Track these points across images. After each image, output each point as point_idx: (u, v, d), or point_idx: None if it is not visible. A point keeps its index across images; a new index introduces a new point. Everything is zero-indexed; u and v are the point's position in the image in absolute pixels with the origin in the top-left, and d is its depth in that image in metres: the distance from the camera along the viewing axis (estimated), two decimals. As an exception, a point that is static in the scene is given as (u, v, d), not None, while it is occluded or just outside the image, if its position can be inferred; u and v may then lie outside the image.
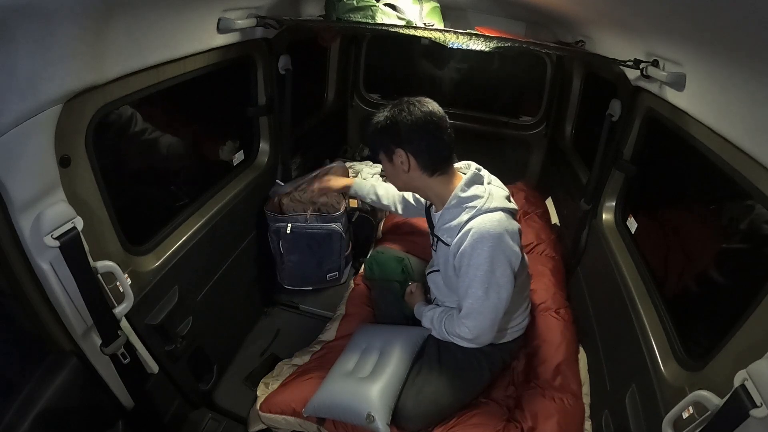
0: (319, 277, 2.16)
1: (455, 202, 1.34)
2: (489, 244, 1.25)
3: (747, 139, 0.98)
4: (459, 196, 1.34)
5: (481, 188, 1.36)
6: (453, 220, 1.34)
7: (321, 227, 2.03)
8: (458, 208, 1.34)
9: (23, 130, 0.85)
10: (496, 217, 1.28)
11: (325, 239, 2.06)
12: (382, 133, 1.35)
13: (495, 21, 2.34)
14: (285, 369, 1.72)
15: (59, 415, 1.04)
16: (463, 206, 1.33)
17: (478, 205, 1.30)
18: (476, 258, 1.27)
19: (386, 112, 1.35)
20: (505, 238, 1.27)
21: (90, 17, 0.90)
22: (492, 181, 1.44)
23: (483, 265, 1.27)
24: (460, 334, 1.41)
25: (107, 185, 1.17)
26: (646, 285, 1.45)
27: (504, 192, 1.40)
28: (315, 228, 2.02)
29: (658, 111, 1.47)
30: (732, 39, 0.88)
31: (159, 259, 1.39)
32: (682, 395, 0.96)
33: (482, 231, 1.26)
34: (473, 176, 1.38)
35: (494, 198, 1.33)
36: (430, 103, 1.36)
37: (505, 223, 1.28)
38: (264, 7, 1.64)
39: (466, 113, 3.03)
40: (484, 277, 1.28)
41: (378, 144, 1.38)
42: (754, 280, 0.96)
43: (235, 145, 1.96)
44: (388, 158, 1.38)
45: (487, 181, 1.41)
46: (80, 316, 1.08)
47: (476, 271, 1.28)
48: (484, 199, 1.31)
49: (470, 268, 1.29)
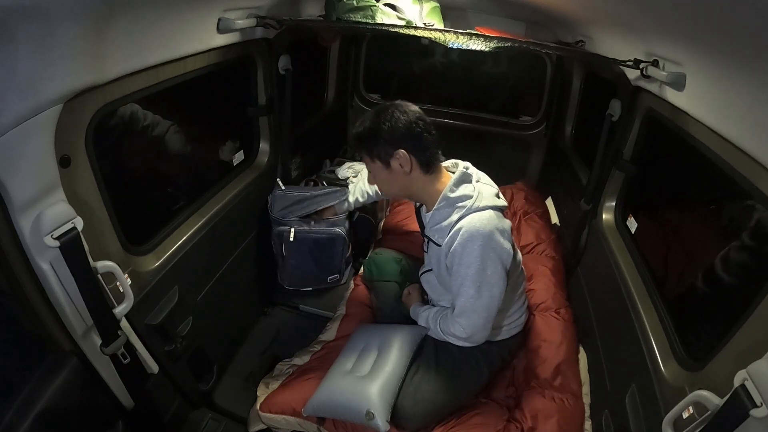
0: (320, 279, 2.16)
1: (445, 203, 1.35)
2: (479, 242, 1.26)
3: (747, 139, 0.98)
4: (448, 197, 1.34)
5: (470, 187, 1.36)
6: (443, 220, 1.35)
7: (324, 231, 2.02)
8: (448, 208, 1.34)
9: (23, 130, 0.85)
10: (486, 216, 1.29)
11: (328, 243, 2.05)
12: (377, 138, 1.32)
13: (495, 21, 2.34)
14: (285, 369, 1.72)
15: (59, 415, 1.04)
16: (454, 206, 1.33)
17: (468, 205, 1.31)
18: (467, 257, 1.28)
19: (374, 117, 1.34)
20: (495, 236, 1.27)
21: (90, 17, 0.90)
22: (481, 178, 1.43)
23: (474, 264, 1.27)
24: (455, 332, 1.41)
25: (107, 185, 1.17)
26: (646, 285, 1.45)
27: (493, 189, 1.41)
28: (318, 232, 2.02)
29: (658, 111, 1.47)
30: (732, 39, 0.88)
31: (159, 259, 1.39)
32: (682, 395, 0.96)
33: (472, 230, 1.27)
34: (461, 175, 1.37)
35: (484, 196, 1.33)
36: (410, 104, 1.37)
37: (495, 221, 1.29)
38: (264, 7, 1.64)
39: (466, 113, 3.03)
40: (475, 275, 1.28)
41: (374, 150, 1.35)
42: (754, 279, 0.96)
43: (235, 145, 1.96)
44: (385, 164, 1.35)
45: (476, 179, 1.40)
46: (80, 316, 1.08)
47: (467, 269, 1.29)
48: (474, 199, 1.32)
49: (461, 267, 1.30)
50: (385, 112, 1.32)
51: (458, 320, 1.38)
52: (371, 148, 1.35)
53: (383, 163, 1.35)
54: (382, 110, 1.34)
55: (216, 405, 1.73)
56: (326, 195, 2.10)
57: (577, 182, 2.30)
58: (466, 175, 1.39)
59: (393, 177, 1.37)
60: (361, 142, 1.37)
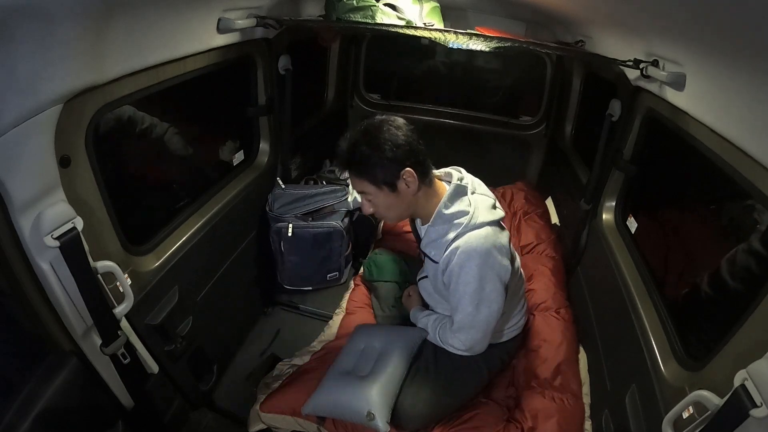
0: (320, 277, 2.16)
1: (440, 219, 1.31)
2: (477, 261, 1.23)
3: (747, 139, 0.98)
4: (443, 213, 1.29)
5: (466, 201, 1.30)
6: (440, 237, 1.31)
7: (322, 225, 2.03)
8: (444, 225, 1.30)
9: (23, 130, 0.85)
10: (483, 234, 1.25)
11: (327, 238, 2.05)
12: (380, 160, 1.21)
13: (495, 21, 2.34)
14: (285, 369, 1.72)
15: (59, 415, 1.04)
16: (450, 223, 1.29)
17: (464, 222, 1.26)
18: (464, 276, 1.25)
19: (366, 138, 1.22)
20: (492, 254, 1.25)
21: (90, 17, 0.90)
22: (476, 188, 1.38)
23: (472, 283, 1.25)
24: (453, 344, 1.41)
25: (107, 185, 1.17)
26: (646, 285, 1.45)
27: (489, 200, 1.36)
28: (316, 227, 2.02)
29: (658, 111, 1.47)
30: (732, 38, 0.88)
31: (159, 259, 1.39)
32: (682, 395, 0.96)
33: (469, 250, 1.23)
34: (456, 189, 1.32)
35: (480, 212, 1.28)
36: (396, 117, 1.30)
37: (491, 238, 1.26)
38: (264, 7, 1.64)
39: (466, 113, 3.03)
40: (473, 293, 1.26)
41: (377, 175, 1.23)
42: (754, 279, 0.96)
43: (235, 145, 1.96)
44: (391, 187, 1.25)
45: (471, 190, 1.34)
46: (80, 316, 1.08)
47: (465, 287, 1.26)
48: (470, 215, 1.27)
49: (459, 285, 1.27)
50: (378, 131, 1.22)
51: (457, 335, 1.37)
52: (374, 173, 1.23)
53: (389, 187, 1.24)
54: (373, 129, 1.23)
55: (216, 405, 1.73)
56: (326, 194, 2.10)
57: (577, 182, 2.30)
58: (460, 188, 1.33)
59: (400, 200, 1.27)
60: (360, 169, 1.24)
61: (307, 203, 2.04)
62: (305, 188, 2.13)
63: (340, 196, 2.11)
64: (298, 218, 2.00)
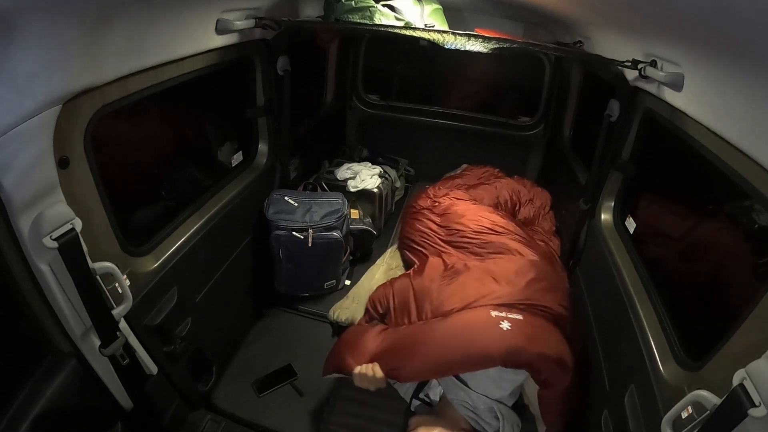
0: (317, 285, 2.16)
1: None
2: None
3: (744, 139, 0.98)
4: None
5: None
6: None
7: (322, 236, 2.02)
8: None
9: (22, 131, 0.85)
10: None
11: (325, 249, 2.04)
12: None
13: (493, 22, 2.35)
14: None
15: (58, 416, 1.04)
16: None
17: None
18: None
19: None
20: None
21: (89, 19, 0.90)
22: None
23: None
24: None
25: (106, 186, 1.17)
26: (644, 285, 1.45)
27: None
28: (315, 237, 2.01)
29: (657, 111, 1.47)
30: (730, 39, 0.88)
31: (158, 260, 1.39)
32: (681, 395, 0.96)
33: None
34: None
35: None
36: None
37: None
38: (262, 8, 1.64)
39: (464, 114, 3.03)
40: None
41: None
42: (752, 279, 0.96)
43: (233, 146, 1.96)
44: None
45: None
46: (79, 318, 1.08)
47: None
48: None
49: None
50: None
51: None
52: None
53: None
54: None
55: (215, 406, 1.73)
56: (323, 202, 2.09)
57: (575, 182, 2.30)
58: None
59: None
60: None
61: (302, 215, 2.00)
62: (303, 196, 2.09)
63: (336, 213, 2.07)
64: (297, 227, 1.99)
